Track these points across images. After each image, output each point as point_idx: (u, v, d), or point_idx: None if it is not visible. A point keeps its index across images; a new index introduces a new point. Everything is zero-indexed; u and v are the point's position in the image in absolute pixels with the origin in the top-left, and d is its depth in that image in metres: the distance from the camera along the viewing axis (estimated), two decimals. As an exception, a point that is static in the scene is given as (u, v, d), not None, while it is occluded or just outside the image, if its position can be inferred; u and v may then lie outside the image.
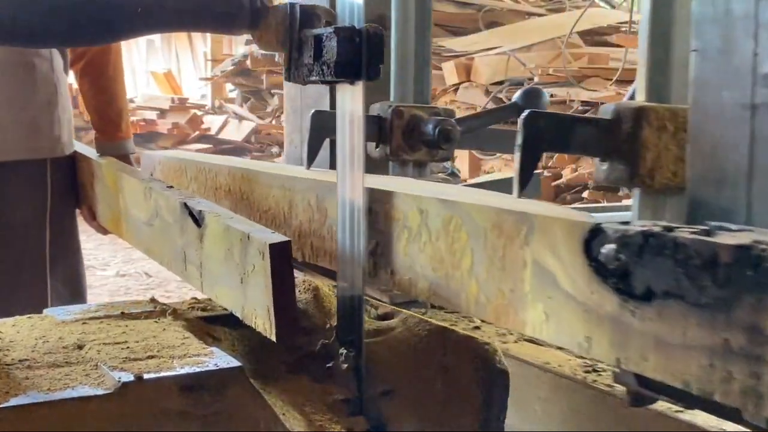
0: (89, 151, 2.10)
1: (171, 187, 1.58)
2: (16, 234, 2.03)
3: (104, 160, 1.98)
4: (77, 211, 2.21)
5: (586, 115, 4.83)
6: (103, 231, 2.10)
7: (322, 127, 1.56)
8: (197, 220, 1.30)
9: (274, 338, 1.08)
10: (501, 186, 1.50)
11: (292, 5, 1.26)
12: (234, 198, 1.62)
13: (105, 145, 2.10)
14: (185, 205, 1.34)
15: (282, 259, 1.07)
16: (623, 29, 5.80)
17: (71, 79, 2.22)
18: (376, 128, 1.67)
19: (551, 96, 5.13)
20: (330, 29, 1.20)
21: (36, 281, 2.05)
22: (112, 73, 2.11)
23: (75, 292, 2.16)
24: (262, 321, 1.12)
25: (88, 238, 7.34)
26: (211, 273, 1.29)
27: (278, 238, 1.11)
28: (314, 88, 1.92)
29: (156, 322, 1.24)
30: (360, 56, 1.19)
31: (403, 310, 1.39)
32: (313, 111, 1.60)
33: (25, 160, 2.02)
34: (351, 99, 1.24)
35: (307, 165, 1.57)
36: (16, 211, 2.02)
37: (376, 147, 1.68)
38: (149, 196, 1.56)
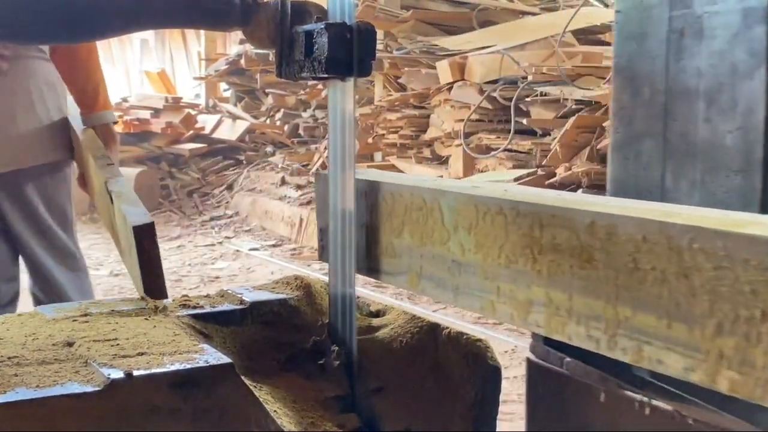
0: (77, 124, 2.34)
1: (111, 164, 1.88)
2: None
3: (84, 134, 2.25)
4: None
5: (581, 113, 4.83)
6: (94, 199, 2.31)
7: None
8: (111, 198, 1.55)
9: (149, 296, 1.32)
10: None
11: (283, 1, 1.26)
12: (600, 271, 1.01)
13: (88, 117, 2.33)
14: (105, 184, 1.63)
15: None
16: (617, 28, 5.81)
17: None
18: None
19: (544, 95, 5.13)
20: (321, 25, 1.19)
21: None
22: (85, 54, 2.31)
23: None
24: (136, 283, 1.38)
25: (82, 238, 7.32)
26: (119, 244, 1.62)
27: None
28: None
29: (146, 319, 1.23)
30: (351, 52, 1.19)
31: (395, 307, 1.39)
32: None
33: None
34: (342, 95, 1.24)
35: None
36: None
37: None
38: (101, 175, 1.81)
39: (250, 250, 6.29)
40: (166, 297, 1.31)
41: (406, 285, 1.30)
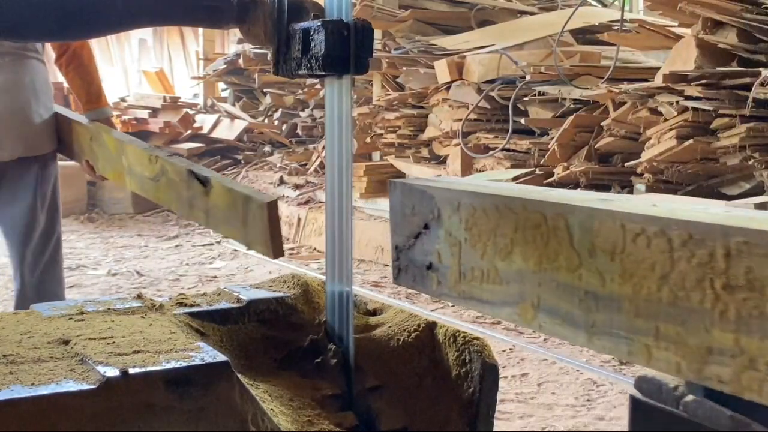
0: (79, 117, 2.64)
1: (174, 154, 2.08)
2: None
3: (96, 125, 2.53)
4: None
5: (579, 113, 4.83)
6: (101, 179, 2.61)
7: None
8: (203, 182, 1.76)
9: (272, 257, 1.50)
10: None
11: (280, -2, 1.26)
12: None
13: (92, 112, 2.62)
14: (191, 171, 1.81)
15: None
16: (615, 27, 5.80)
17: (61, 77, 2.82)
18: None
19: (542, 94, 5.13)
20: (318, 22, 1.19)
21: None
22: (87, 60, 2.68)
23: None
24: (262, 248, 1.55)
25: (79, 238, 7.32)
26: (215, 217, 1.72)
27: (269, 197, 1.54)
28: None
29: (142, 317, 1.23)
30: (348, 49, 1.19)
31: (393, 306, 1.38)
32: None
33: None
34: (339, 93, 1.24)
35: None
36: None
37: None
38: (155, 161, 2.01)
39: (248, 250, 6.28)
40: (283, 255, 1.52)
41: (517, 318, 1.10)
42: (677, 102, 4.06)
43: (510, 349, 3.57)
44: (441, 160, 5.89)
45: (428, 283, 1.23)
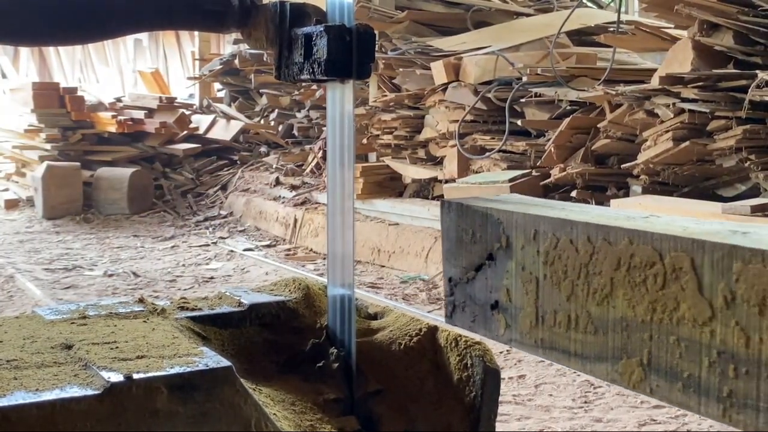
0: None
1: None
2: None
3: None
4: None
5: (575, 114, 4.84)
6: None
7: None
8: None
9: None
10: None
11: (282, 3, 1.26)
12: None
13: None
14: None
15: None
16: (611, 29, 5.81)
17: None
18: None
19: (539, 96, 5.13)
20: (320, 27, 1.19)
21: None
22: None
23: None
24: None
25: (75, 239, 7.32)
26: None
27: None
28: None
29: (145, 321, 1.23)
30: (350, 55, 1.19)
31: (394, 309, 1.38)
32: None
33: None
34: (341, 98, 1.24)
35: None
36: None
37: None
38: None
39: (245, 251, 6.28)
40: None
41: (617, 377, 0.90)
42: (673, 104, 4.07)
43: (507, 350, 3.58)
44: (437, 161, 5.90)
45: (493, 326, 1.08)
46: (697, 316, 0.81)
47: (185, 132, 8.93)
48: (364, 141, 6.51)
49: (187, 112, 9.33)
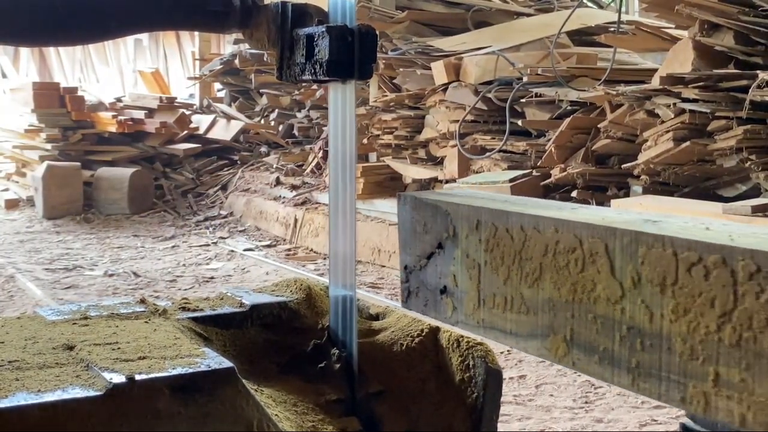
0: None
1: None
2: None
3: None
4: None
5: (576, 114, 4.84)
6: None
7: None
8: None
9: None
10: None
11: (284, 3, 1.25)
12: None
13: None
14: None
15: None
16: (611, 29, 5.81)
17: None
18: None
19: (539, 96, 5.13)
20: (322, 28, 1.19)
21: None
22: None
23: None
24: None
25: (75, 239, 7.32)
26: None
27: None
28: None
29: (146, 322, 1.23)
30: (352, 55, 1.19)
31: (396, 310, 1.38)
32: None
33: None
34: (343, 98, 1.24)
35: None
36: None
37: None
38: None
39: (245, 251, 6.28)
40: None
41: (545, 352, 0.98)
42: (674, 104, 4.07)
43: (508, 350, 3.58)
44: (438, 161, 5.90)
45: (442, 309, 1.15)
46: (610, 295, 0.90)
47: (185, 132, 8.93)
48: (365, 141, 6.51)
49: (188, 112, 9.32)
